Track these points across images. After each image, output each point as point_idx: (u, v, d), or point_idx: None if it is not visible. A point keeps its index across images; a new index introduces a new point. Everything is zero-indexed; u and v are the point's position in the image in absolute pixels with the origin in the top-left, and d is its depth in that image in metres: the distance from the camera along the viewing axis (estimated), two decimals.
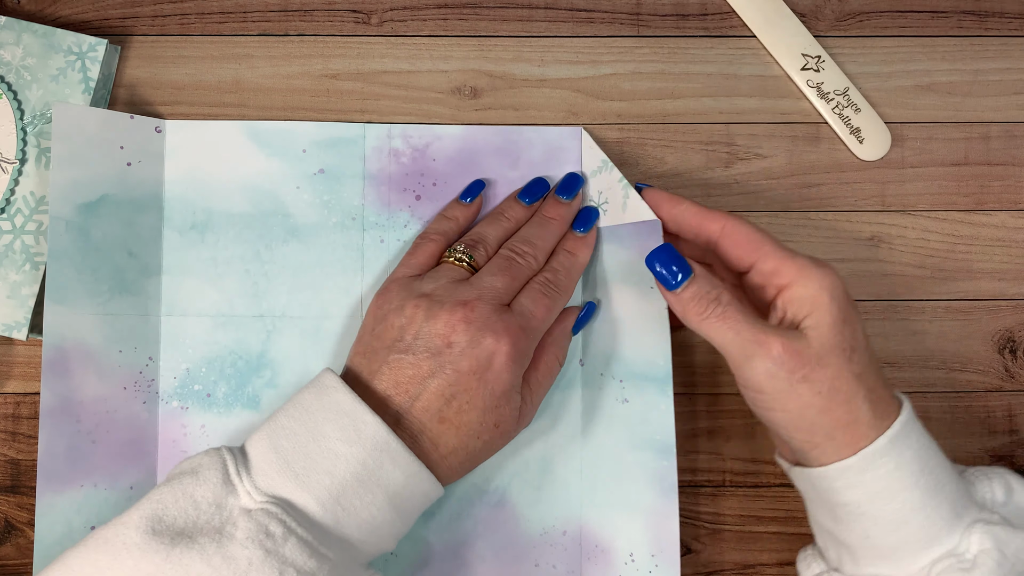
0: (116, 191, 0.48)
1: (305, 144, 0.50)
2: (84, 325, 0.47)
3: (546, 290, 0.46)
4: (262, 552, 0.37)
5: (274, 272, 0.50)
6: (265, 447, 0.40)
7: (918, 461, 0.40)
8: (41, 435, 0.46)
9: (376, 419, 0.40)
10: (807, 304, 0.41)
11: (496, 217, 0.49)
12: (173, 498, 0.38)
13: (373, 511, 0.40)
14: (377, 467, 0.40)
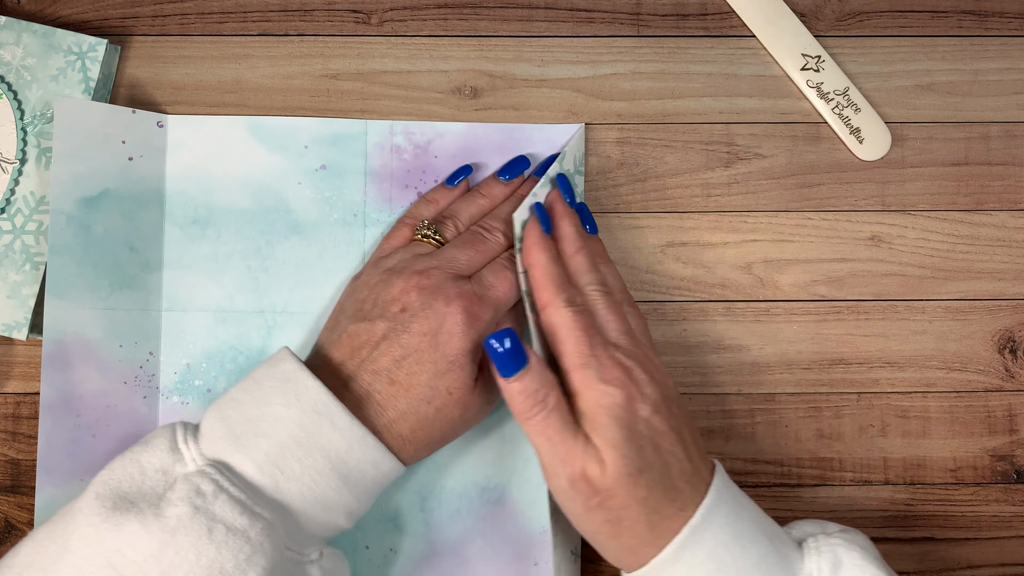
0: (117, 186, 0.48)
1: (307, 140, 0.50)
2: (85, 319, 0.47)
3: (510, 264, 0.46)
4: (191, 509, 0.37)
5: (275, 268, 0.50)
6: (214, 417, 0.41)
7: (713, 559, 0.40)
8: (41, 429, 0.46)
9: (317, 383, 0.40)
10: (589, 422, 0.41)
11: (472, 195, 0.49)
12: (121, 465, 0.39)
13: (314, 475, 0.40)
14: (315, 429, 0.40)
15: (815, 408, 0.51)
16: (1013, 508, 0.50)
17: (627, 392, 0.41)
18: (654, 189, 0.51)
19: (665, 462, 0.41)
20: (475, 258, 0.46)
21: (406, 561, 0.49)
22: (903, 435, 0.51)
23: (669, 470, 0.40)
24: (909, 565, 0.50)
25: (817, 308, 0.51)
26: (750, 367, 0.51)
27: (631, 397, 0.41)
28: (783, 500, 0.51)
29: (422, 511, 0.49)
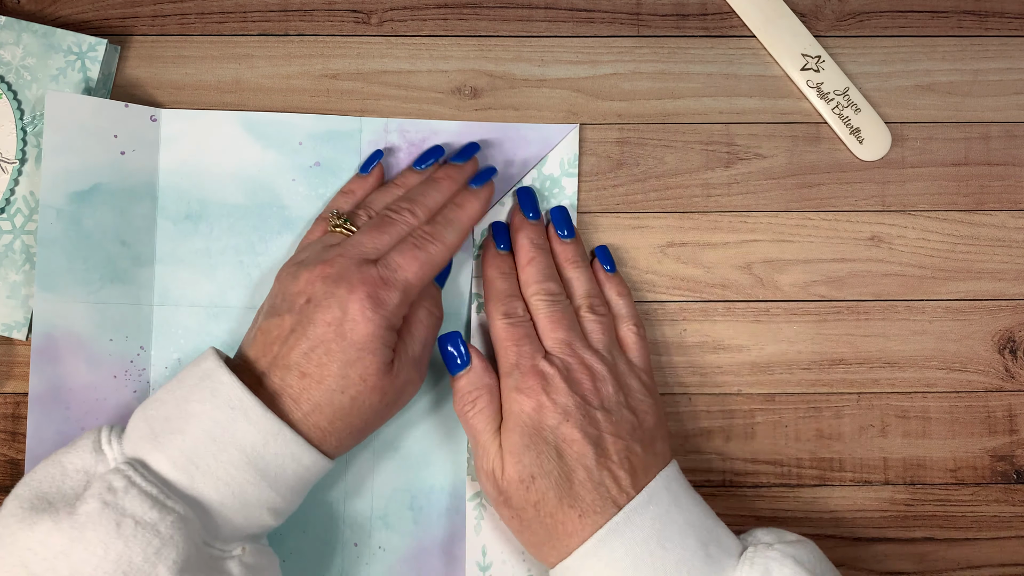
0: (109, 180, 0.48)
1: (301, 137, 0.50)
2: (74, 313, 0.47)
3: (418, 242, 0.45)
4: (100, 504, 0.37)
5: (268, 264, 0.49)
6: (138, 417, 0.41)
7: (629, 559, 0.41)
8: (30, 422, 0.47)
9: (232, 378, 0.41)
10: (503, 426, 0.45)
11: (387, 186, 0.49)
12: (44, 466, 0.40)
13: (230, 470, 0.40)
14: (230, 424, 0.40)
15: (815, 408, 0.51)
16: (1013, 508, 0.50)
17: (536, 401, 0.44)
18: (654, 189, 0.51)
19: (568, 470, 0.43)
20: (382, 240, 0.44)
21: (395, 559, 0.49)
22: (903, 435, 0.51)
23: (572, 477, 0.42)
24: (909, 565, 0.50)
25: (817, 308, 0.51)
26: (750, 367, 0.51)
27: (540, 406, 0.43)
28: (783, 500, 0.51)
29: (411, 509, 0.49)
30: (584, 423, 0.43)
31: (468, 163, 0.48)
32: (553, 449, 0.43)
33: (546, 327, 0.46)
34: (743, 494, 0.51)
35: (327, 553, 0.49)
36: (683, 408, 0.51)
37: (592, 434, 0.43)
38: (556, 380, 0.44)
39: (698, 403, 0.51)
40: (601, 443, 0.43)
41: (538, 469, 0.43)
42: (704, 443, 0.51)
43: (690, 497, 0.44)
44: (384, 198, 0.48)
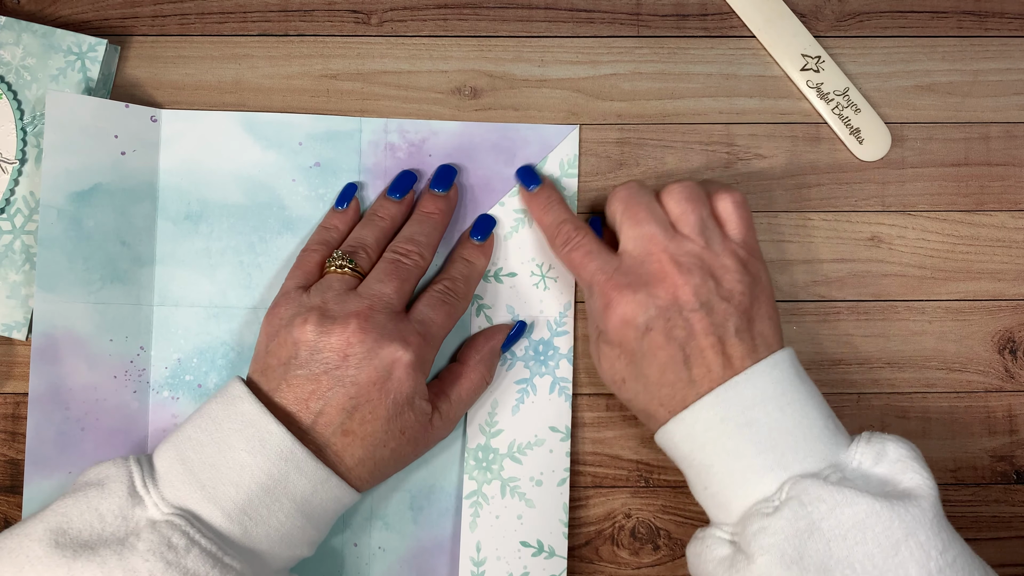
0: (110, 180, 0.48)
1: (301, 137, 0.50)
2: (74, 313, 0.47)
3: (445, 297, 0.46)
4: (163, 564, 0.37)
5: (268, 264, 0.50)
6: (172, 458, 0.41)
7: (744, 413, 0.41)
8: (30, 422, 0.47)
9: (281, 428, 0.40)
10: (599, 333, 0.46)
11: (370, 219, 0.48)
12: (78, 511, 0.39)
13: (282, 518, 0.40)
14: (283, 477, 0.40)
15: None
16: (1013, 508, 0.50)
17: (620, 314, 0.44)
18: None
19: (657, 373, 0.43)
20: (402, 288, 0.45)
21: (394, 559, 0.49)
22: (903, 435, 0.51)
23: (661, 380, 0.43)
24: None
25: (817, 308, 0.51)
26: None
27: (624, 318, 0.44)
28: None
29: (411, 509, 0.49)
30: (670, 328, 0.43)
31: (450, 191, 0.49)
32: (640, 358, 0.43)
33: (621, 224, 0.46)
34: None
35: (327, 553, 0.49)
36: None
37: (680, 338, 0.43)
38: (631, 291, 0.44)
39: None
40: (690, 344, 0.43)
41: (627, 374, 0.44)
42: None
43: (807, 378, 0.44)
44: (373, 233, 0.48)
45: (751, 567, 0.39)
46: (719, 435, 0.42)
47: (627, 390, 0.44)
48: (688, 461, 0.43)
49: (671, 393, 0.43)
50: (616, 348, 0.44)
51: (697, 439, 0.42)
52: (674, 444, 0.43)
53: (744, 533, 0.40)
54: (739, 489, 0.41)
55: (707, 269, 0.43)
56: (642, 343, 0.43)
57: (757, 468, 0.41)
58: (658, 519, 0.51)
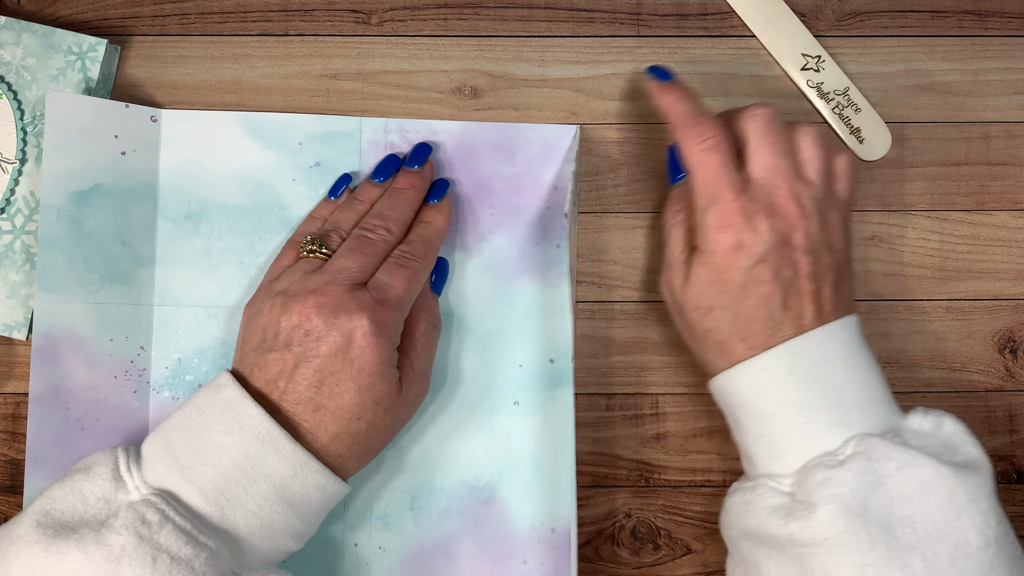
0: (110, 180, 0.48)
1: (301, 137, 0.50)
2: (75, 313, 0.47)
3: (402, 261, 0.45)
4: (135, 538, 0.37)
5: (268, 264, 0.49)
6: (158, 444, 0.41)
7: (815, 368, 0.42)
8: (30, 422, 0.47)
9: (260, 411, 0.41)
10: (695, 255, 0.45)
11: (349, 202, 0.48)
12: (62, 493, 0.39)
13: (260, 501, 0.40)
14: (260, 456, 0.40)
15: None
16: (1013, 508, 0.50)
17: (734, 240, 0.43)
18: (654, 189, 0.51)
19: (749, 309, 0.43)
20: (365, 262, 0.45)
21: (395, 559, 0.49)
22: None
23: (752, 316, 0.43)
24: None
25: None
26: None
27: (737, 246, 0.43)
28: None
29: (411, 509, 0.49)
30: (780, 266, 0.43)
31: (425, 167, 0.49)
32: (739, 288, 0.43)
33: (755, 148, 0.44)
34: None
35: (327, 554, 0.49)
36: (683, 408, 0.51)
37: (785, 277, 0.43)
38: (757, 218, 0.43)
39: (698, 403, 0.51)
40: (792, 286, 0.43)
41: (717, 302, 0.44)
42: (704, 443, 0.51)
43: (868, 349, 0.44)
44: (350, 216, 0.47)
45: (813, 515, 0.39)
46: (787, 385, 0.42)
47: (711, 319, 0.44)
48: (747, 408, 0.43)
49: (757, 330, 0.43)
50: (715, 273, 0.44)
51: (764, 387, 0.42)
52: (735, 390, 0.43)
53: (805, 483, 0.40)
54: (801, 441, 0.41)
55: (823, 218, 0.44)
56: (748, 273, 0.43)
57: (823, 422, 0.41)
58: (658, 519, 0.51)
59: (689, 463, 0.51)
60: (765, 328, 0.43)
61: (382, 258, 0.46)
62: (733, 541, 0.44)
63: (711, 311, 0.44)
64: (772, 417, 0.42)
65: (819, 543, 0.39)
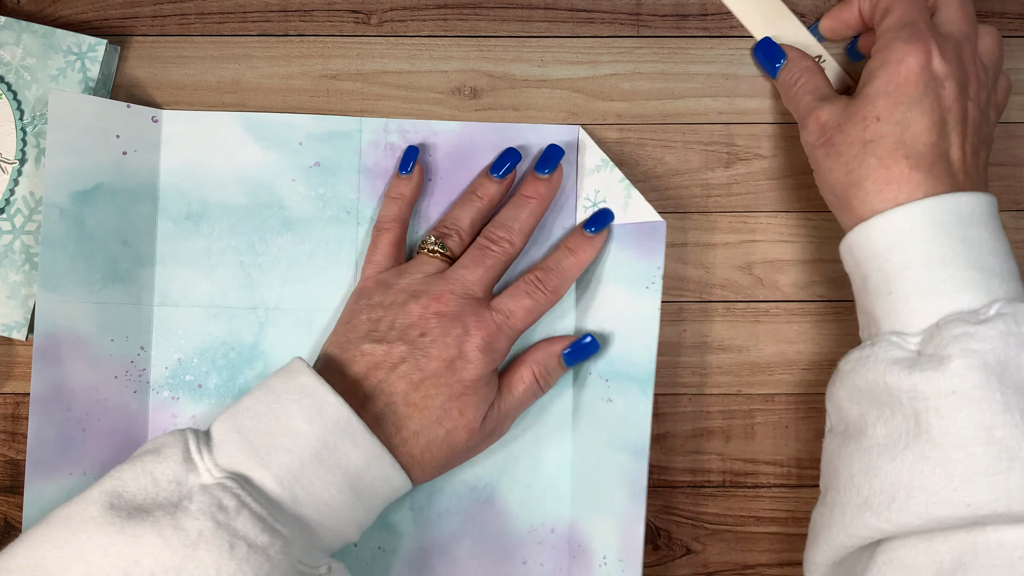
0: (111, 180, 0.48)
1: (301, 137, 0.50)
2: (76, 313, 0.47)
3: (531, 289, 0.46)
4: (213, 524, 0.37)
5: (268, 264, 0.50)
6: (229, 427, 0.41)
7: (959, 227, 0.41)
8: (31, 422, 0.46)
9: (338, 399, 0.41)
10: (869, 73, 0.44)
11: (468, 198, 0.49)
12: (133, 475, 0.39)
13: (332, 491, 0.40)
14: (337, 446, 0.40)
15: (815, 408, 0.51)
16: None
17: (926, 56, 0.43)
18: (654, 189, 0.51)
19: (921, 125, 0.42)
20: (486, 275, 0.46)
21: (394, 560, 0.49)
22: None
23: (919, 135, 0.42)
24: None
25: (817, 308, 0.51)
26: (750, 367, 0.51)
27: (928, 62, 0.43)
28: (783, 500, 0.50)
29: (411, 509, 0.49)
30: (956, 99, 0.43)
31: (555, 174, 0.48)
32: (916, 103, 0.42)
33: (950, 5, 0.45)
34: (743, 494, 0.51)
35: None
36: (683, 408, 0.51)
37: (957, 114, 0.43)
38: (948, 51, 0.43)
39: (698, 403, 0.51)
40: (960, 129, 0.43)
41: (886, 113, 0.43)
42: (704, 443, 0.51)
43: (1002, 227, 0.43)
44: (468, 213, 0.48)
45: (945, 366, 0.38)
46: (928, 240, 0.40)
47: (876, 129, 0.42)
48: (879, 262, 0.42)
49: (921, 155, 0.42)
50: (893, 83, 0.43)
51: (903, 238, 0.41)
52: (870, 241, 0.42)
53: (939, 336, 0.39)
54: (937, 298, 0.40)
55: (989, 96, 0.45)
56: (928, 89, 0.42)
57: (963, 281, 0.40)
58: (658, 519, 0.51)
59: (689, 463, 0.51)
60: (929, 149, 0.42)
61: (502, 270, 0.47)
62: (839, 407, 0.43)
63: (877, 121, 0.43)
64: (907, 271, 0.41)
65: (946, 395, 0.37)
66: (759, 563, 0.50)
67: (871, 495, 0.39)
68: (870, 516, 0.39)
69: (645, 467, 0.46)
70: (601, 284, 0.49)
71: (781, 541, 0.50)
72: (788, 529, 0.50)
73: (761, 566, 0.50)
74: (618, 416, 0.48)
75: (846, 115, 0.44)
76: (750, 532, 0.50)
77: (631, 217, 0.48)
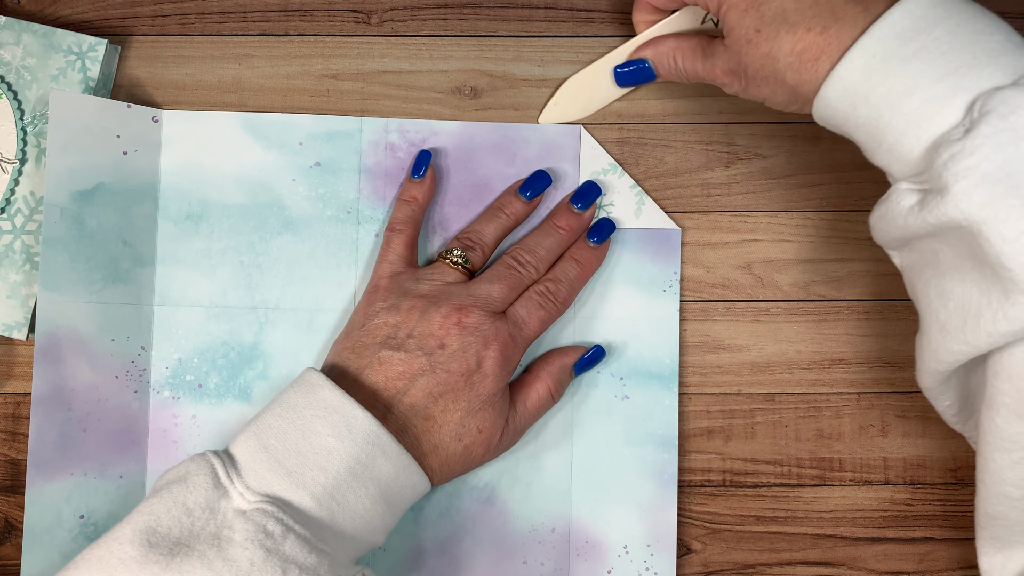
0: (112, 180, 0.48)
1: (302, 137, 0.50)
2: (77, 313, 0.47)
3: (543, 300, 0.47)
4: (263, 552, 0.37)
5: (268, 264, 0.50)
6: (254, 447, 0.40)
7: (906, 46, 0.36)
8: (32, 422, 0.46)
9: (366, 414, 0.41)
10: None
11: (495, 213, 0.49)
12: (165, 508, 0.38)
13: (367, 504, 0.40)
14: (370, 461, 0.40)
15: (815, 408, 0.51)
16: None
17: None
18: (654, 189, 0.51)
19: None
20: (508, 295, 0.46)
21: (395, 560, 0.49)
22: (903, 435, 0.51)
23: None
24: (909, 565, 0.50)
25: (817, 308, 0.51)
26: (750, 367, 0.51)
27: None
28: (783, 500, 0.51)
29: (411, 509, 0.49)
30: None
31: (588, 211, 0.49)
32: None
33: None
34: (743, 494, 0.51)
35: None
36: (683, 408, 0.51)
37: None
38: None
39: (698, 403, 0.51)
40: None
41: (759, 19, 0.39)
42: (704, 443, 0.51)
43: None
44: (493, 231, 0.48)
45: (945, 198, 0.34)
46: (884, 77, 0.36)
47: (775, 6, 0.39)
48: (855, 122, 0.38)
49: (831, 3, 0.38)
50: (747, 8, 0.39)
51: (859, 91, 0.37)
52: (834, 109, 0.38)
53: (932, 168, 0.35)
54: (920, 128, 0.36)
55: None
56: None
57: (937, 96, 0.36)
58: None
59: (689, 463, 0.51)
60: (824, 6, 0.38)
61: (522, 292, 0.47)
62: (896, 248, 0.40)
63: (758, 33, 0.39)
64: (880, 119, 0.37)
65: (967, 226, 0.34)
66: (759, 563, 0.50)
67: (947, 319, 0.37)
68: (950, 340, 0.37)
69: (675, 457, 0.49)
70: (614, 287, 0.50)
71: (781, 540, 0.50)
72: (788, 528, 0.50)
73: (761, 566, 0.50)
74: (637, 412, 0.49)
75: (737, 49, 0.40)
76: (750, 532, 0.50)
77: (644, 223, 0.50)
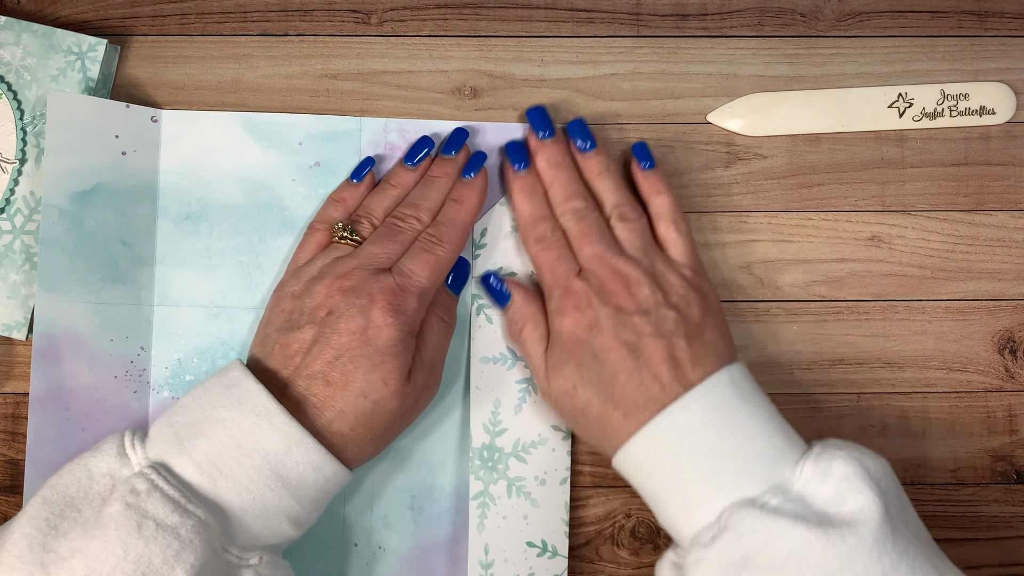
0: (111, 180, 0.48)
1: (301, 137, 0.50)
2: (76, 313, 0.47)
3: (427, 246, 0.46)
4: (123, 506, 0.38)
5: (268, 264, 0.50)
6: (163, 423, 0.42)
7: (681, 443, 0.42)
8: (30, 422, 0.47)
9: (259, 387, 0.42)
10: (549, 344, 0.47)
11: (382, 187, 0.49)
12: (69, 469, 0.41)
13: (252, 475, 0.40)
14: (254, 430, 0.41)
15: (815, 408, 0.51)
16: (1013, 508, 0.50)
17: (572, 318, 0.45)
18: None
19: (608, 375, 0.43)
20: (394, 249, 0.46)
21: (395, 559, 0.49)
22: (903, 435, 0.51)
23: (613, 382, 0.43)
24: None
25: (817, 308, 0.51)
26: (750, 367, 0.51)
27: (575, 323, 0.45)
28: None
29: (411, 509, 0.49)
30: (618, 330, 0.44)
31: (460, 153, 0.49)
32: (592, 359, 0.44)
33: (577, 244, 0.47)
34: None
35: (327, 553, 0.49)
36: None
37: (628, 340, 0.43)
38: (588, 296, 0.45)
39: None
40: (639, 346, 0.43)
41: (578, 379, 0.44)
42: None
43: (756, 394, 0.43)
44: (382, 202, 0.48)
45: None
46: (661, 464, 0.42)
47: (579, 397, 0.44)
48: (640, 489, 0.44)
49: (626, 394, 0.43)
50: (566, 352, 0.45)
51: (643, 469, 0.43)
52: (627, 474, 0.44)
53: (685, 562, 0.41)
54: (685, 517, 0.42)
55: (654, 282, 0.45)
56: (591, 341, 0.44)
57: (700, 495, 0.41)
58: None
59: None
60: (630, 391, 0.43)
61: (410, 245, 0.46)
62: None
63: (576, 390, 0.44)
64: (656, 496, 0.43)
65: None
66: None
67: None
68: None
69: None
70: None
71: None
72: None
73: None
74: None
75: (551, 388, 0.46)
76: None
77: None
